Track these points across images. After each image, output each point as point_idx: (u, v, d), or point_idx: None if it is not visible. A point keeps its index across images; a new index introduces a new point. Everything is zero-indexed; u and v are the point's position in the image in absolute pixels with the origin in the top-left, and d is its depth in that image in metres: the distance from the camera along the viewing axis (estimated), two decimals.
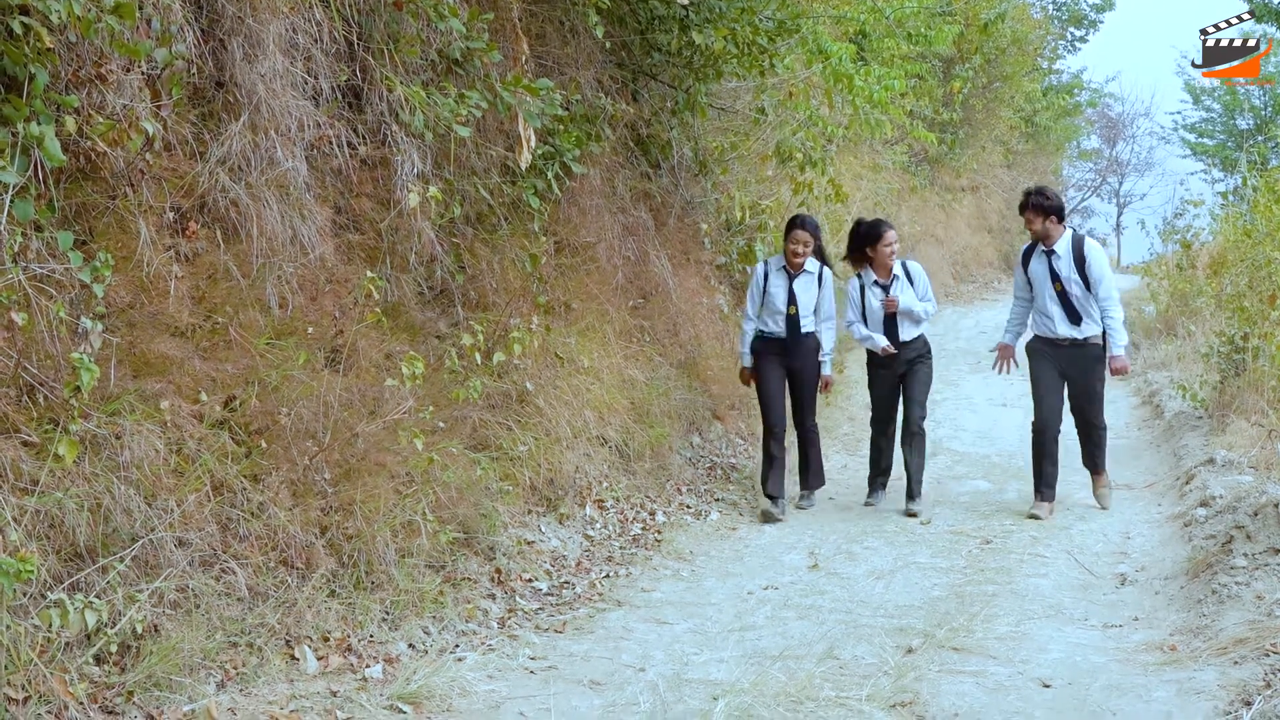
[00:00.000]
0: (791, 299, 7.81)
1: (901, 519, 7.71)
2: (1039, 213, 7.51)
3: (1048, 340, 7.63)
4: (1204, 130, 35.49)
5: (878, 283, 7.99)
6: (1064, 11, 32.52)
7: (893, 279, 7.95)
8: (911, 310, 7.93)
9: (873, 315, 8.01)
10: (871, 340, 7.99)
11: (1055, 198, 7.61)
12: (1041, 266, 7.61)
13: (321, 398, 5.05)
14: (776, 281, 7.86)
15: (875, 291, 8.00)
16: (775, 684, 4.61)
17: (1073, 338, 7.53)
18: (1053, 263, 7.53)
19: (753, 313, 7.94)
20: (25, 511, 3.77)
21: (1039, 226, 7.53)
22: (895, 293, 7.94)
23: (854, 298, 8.04)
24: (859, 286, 8.03)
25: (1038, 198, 7.55)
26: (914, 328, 7.97)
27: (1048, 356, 7.62)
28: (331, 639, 4.64)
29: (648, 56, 8.90)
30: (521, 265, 6.93)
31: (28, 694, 3.58)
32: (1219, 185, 29.35)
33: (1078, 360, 7.56)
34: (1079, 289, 7.47)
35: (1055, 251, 7.53)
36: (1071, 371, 7.60)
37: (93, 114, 4.22)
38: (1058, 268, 7.51)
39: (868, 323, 8.02)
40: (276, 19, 5.09)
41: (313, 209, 5.28)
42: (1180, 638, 5.23)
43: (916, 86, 16.30)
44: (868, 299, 8.00)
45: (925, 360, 8.04)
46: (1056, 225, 7.53)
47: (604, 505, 7.19)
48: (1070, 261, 7.49)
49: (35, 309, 3.89)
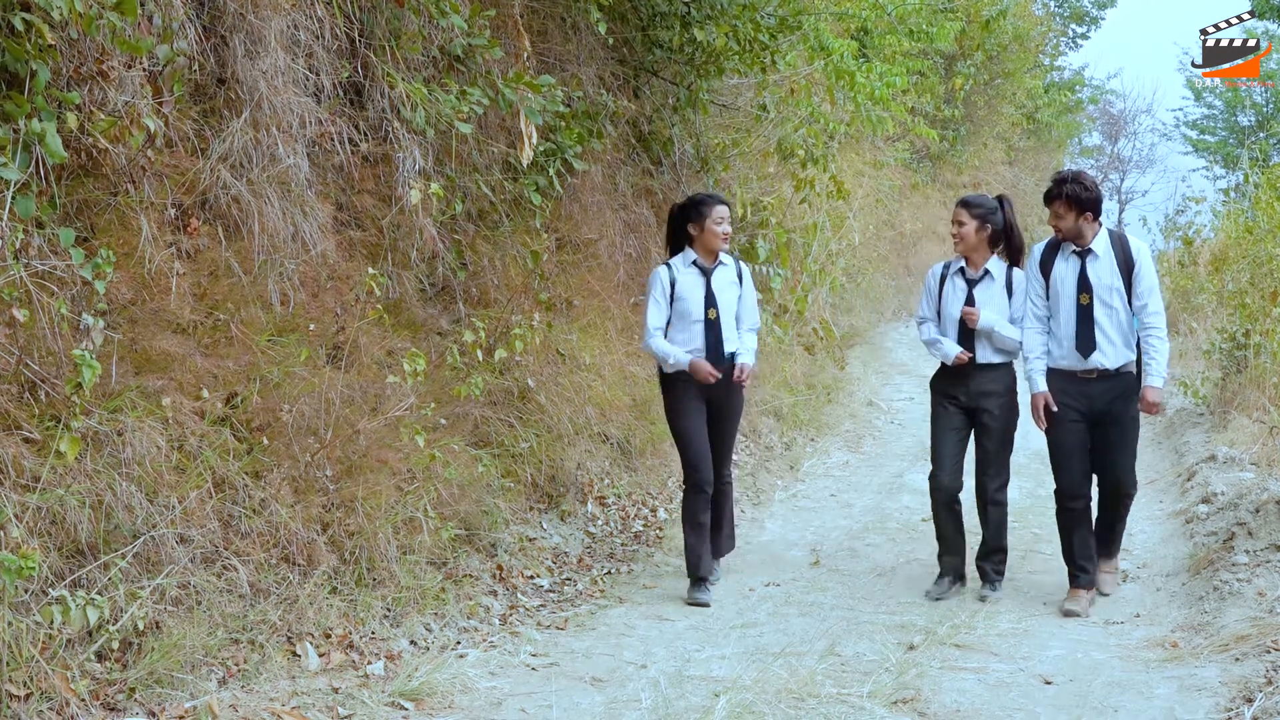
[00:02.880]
0: (710, 301, 5.96)
1: (903, 517, 7.71)
2: (1073, 206, 5.68)
3: (1067, 375, 5.80)
4: (1205, 127, 35.47)
5: (964, 272, 6.03)
6: (1066, 8, 32.52)
7: (984, 274, 5.99)
8: (993, 331, 5.91)
9: (948, 314, 6.04)
10: (939, 346, 6.04)
11: (1095, 188, 5.74)
12: (1070, 272, 5.76)
13: (323, 394, 5.06)
14: (687, 280, 5.98)
15: (957, 284, 6.04)
16: (777, 681, 4.61)
17: (1101, 368, 5.72)
18: (1087, 267, 5.72)
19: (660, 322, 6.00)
20: (27, 508, 3.77)
21: (1070, 223, 5.70)
22: (984, 295, 5.95)
23: (930, 288, 6.15)
24: (939, 276, 6.14)
25: (1074, 187, 5.69)
26: (996, 353, 5.95)
27: (1069, 397, 5.78)
28: (333, 635, 4.64)
29: (649, 53, 8.89)
30: (523, 262, 6.93)
31: (29, 690, 3.58)
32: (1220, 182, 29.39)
33: (1106, 397, 5.75)
34: (1120, 300, 5.70)
35: (1093, 251, 5.72)
36: (1098, 413, 5.78)
37: (94, 110, 4.22)
38: (1093, 274, 5.71)
39: (941, 323, 6.09)
40: (278, 15, 5.09)
41: (314, 206, 5.28)
42: (1182, 634, 5.23)
43: (918, 83, 16.29)
44: (946, 292, 6.08)
45: (1005, 398, 5.97)
46: (1092, 223, 5.73)
47: (605, 502, 7.19)
48: (1113, 266, 5.70)
49: (37, 306, 3.89)
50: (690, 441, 5.96)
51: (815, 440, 10.06)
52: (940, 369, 6.09)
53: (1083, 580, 5.82)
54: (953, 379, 6.00)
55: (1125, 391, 5.76)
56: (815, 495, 8.42)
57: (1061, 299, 5.76)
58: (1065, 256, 5.78)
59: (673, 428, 6.09)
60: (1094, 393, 5.74)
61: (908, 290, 18.31)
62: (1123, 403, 5.76)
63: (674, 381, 5.99)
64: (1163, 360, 5.72)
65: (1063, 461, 5.84)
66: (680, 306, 5.92)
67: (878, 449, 10.19)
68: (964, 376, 5.95)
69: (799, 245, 11.27)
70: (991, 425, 5.95)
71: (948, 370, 6.01)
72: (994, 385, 5.94)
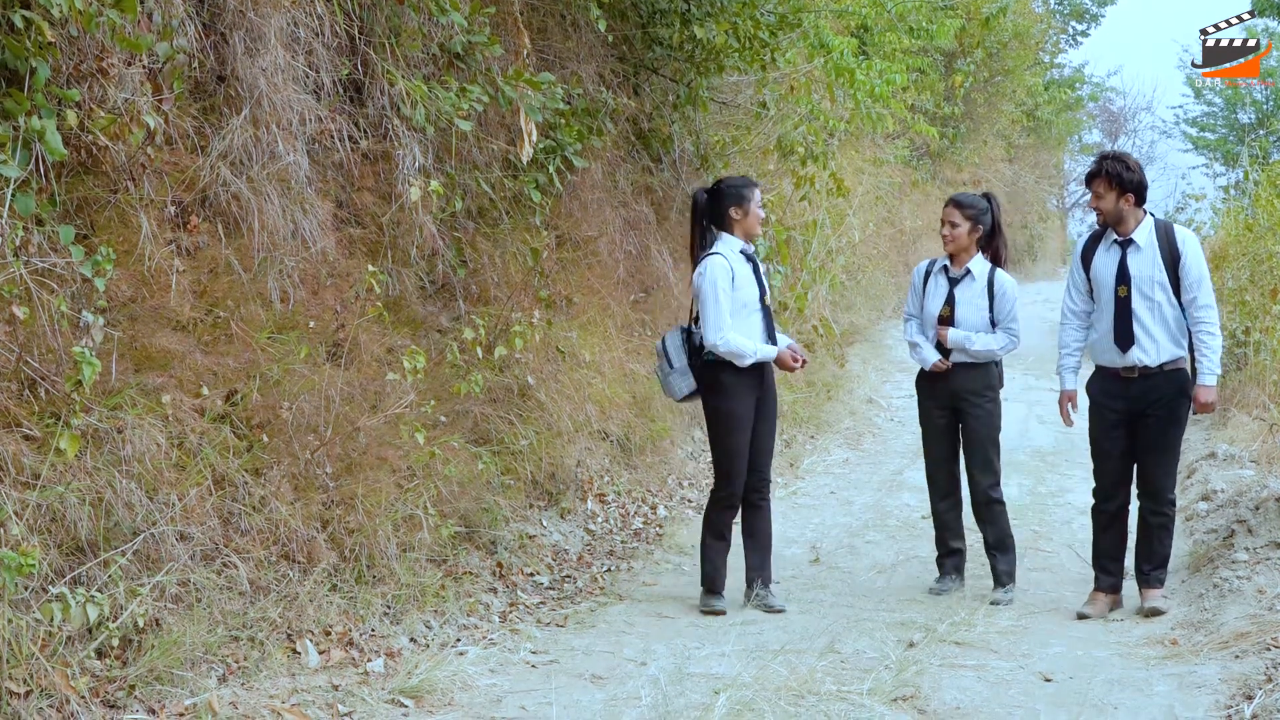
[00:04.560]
0: (763, 289, 5.73)
1: (903, 514, 7.71)
2: (1114, 185, 5.38)
3: (1110, 374, 5.55)
4: (1205, 124, 35.43)
5: (946, 270, 6.00)
6: (1065, 5, 32.48)
7: (965, 273, 5.94)
8: (966, 346, 5.86)
9: (928, 312, 6.01)
10: (919, 351, 6.02)
11: (1138, 169, 5.44)
12: (1110, 263, 5.50)
13: (323, 392, 5.05)
14: (742, 269, 5.65)
15: (939, 282, 6.01)
16: (777, 678, 4.61)
17: (1141, 365, 5.43)
18: (1128, 258, 5.45)
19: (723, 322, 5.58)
20: (27, 506, 3.77)
21: (1110, 204, 5.40)
22: (964, 295, 5.91)
23: (915, 285, 6.14)
24: (924, 273, 6.11)
25: (1115, 164, 5.41)
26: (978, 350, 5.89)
27: (1109, 397, 5.55)
28: (333, 633, 4.64)
29: (649, 50, 8.89)
30: (523, 259, 6.92)
31: (29, 688, 3.58)
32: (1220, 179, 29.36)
33: (1148, 399, 5.45)
34: (1164, 294, 5.39)
35: (1134, 241, 5.44)
36: (1137, 414, 5.49)
37: (94, 108, 4.22)
38: (1133, 265, 5.43)
39: (922, 321, 6.06)
40: (278, 13, 5.09)
41: (314, 203, 5.28)
42: (1182, 632, 5.23)
43: (918, 81, 16.26)
44: (929, 290, 6.05)
45: (986, 397, 5.92)
46: (1134, 208, 5.43)
47: (605, 499, 7.19)
48: (1156, 257, 5.40)
49: (37, 303, 3.89)
50: (740, 456, 5.61)
51: (815, 438, 10.06)
52: (921, 370, 6.07)
53: (1103, 583, 5.65)
54: (933, 378, 5.99)
55: (1170, 393, 5.43)
56: (815, 493, 8.42)
57: (1101, 291, 5.51)
58: (1106, 247, 5.52)
59: (725, 439, 5.62)
60: (1134, 393, 5.46)
61: (907, 288, 18.29)
62: (1165, 406, 5.44)
63: (732, 385, 5.55)
64: (1214, 357, 5.40)
65: (1098, 463, 5.68)
66: (739, 296, 5.54)
67: (877, 446, 10.19)
68: (943, 376, 5.94)
69: (799, 243, 11.27)
70: (974, 424, 5.92)
71: (926, 371, 6.02)
72: (973, 384, 5.90)
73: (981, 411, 5.90)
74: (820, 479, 8.85)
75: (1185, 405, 5.49)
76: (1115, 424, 5.55)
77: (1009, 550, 5.96)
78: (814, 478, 8.87)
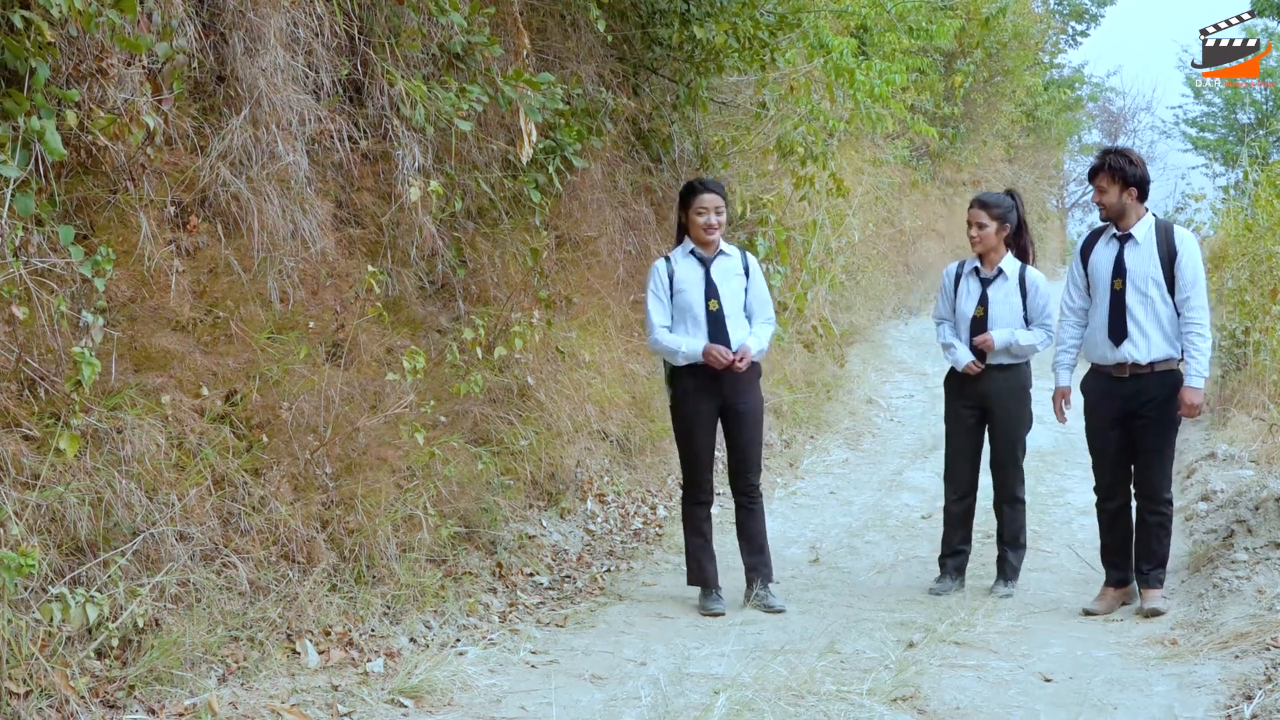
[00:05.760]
0: (711, 291, 5.68)
1: (902, 514, 7.71)
2: (1117, 179, 5.45)
3: (1104, 374, 5.62)
4: (1205, 125, 35.43)
5: (978, 271, 6.00)
6: (1065, 5, 32.46)
7: (997, 273, 5.94)
8: (1011, 344, 5.90)
9: (961, 313, 6.02)
10: (953, 352, 6.03)
11: (1141, 164, 5.51)
12: (1107, 256, 5.55)
13: (322, 392, 5.05)
14: (685, 270, 5.70)
15: (971, 284, 6.02)
16: (776, 678, 4.61)
17: (1133, 361, 5.49)
18: (1125, 252, 5.49)
19: (661, 321, 5.72)
20: (26, 506, 3.77)
21: (1113, 199, 5.45)
22: (997, 295, 5.92)
23: (946, 288, 6.12)
24: (954, 275, 6.11)
25: (1118, 159, 5.47)
26: (1008, 354, 5.96)
27: (1103, 397, 5.63)
28: (333, 633, 4.64)
29: (649, 51, 8.89)
30: (523, 259, 6.92)
31: (29, 688, 3.58)
32: (1220, 180, 29.35)
33: (1140, 399, 5.51)
34: (1158, 292, 5.43)
35: (1133, 237, 5.49)
36: (1130, 415, 5.55)
37: (94, 108, 4.22)
38: (1130, 260, 5.48)
39: (955, 322, 6.08)
40: (277, 13, 5.09)
41: (314, 203, 5.28)
42: (1181, 632, 5.23)
43: (918, 81, 16.26)
44: (961, 292, 6.05)
45: (1018, 398, 5.98)
46: (1137, 203, 5.48)
47: (605, 499, 7.19)
48: (1153, 254, 5.44)
49: (36, 303, 3.89)
50: (693, 452, 5.72)
51: (815, 438, 10.06)
52: (952, 369, 6.09)
53: (1111, 578, 5.71)
54: (964, 379, 6.02)
55: (1162, 394, 5.47)
56: (815, 493, 8.43)
57: (1098, 284, 5.57)
58: (1106, 241, 5.58)
59: (677, 436, 5.79)
60: (1127, 393, 5.52)
61: (907, 288, 18.32)
62: (1156, 406, 5.48)
63: (682, 383, 5.67)
64: (1204, 359, 5.43)
65: (1095, 463, 5.76)
66: (680, 299, 5.63)
67: (877, 446, 10.20)
68: (975, 377, 5.97)
69: (798, 243, 11.25)
70: (1004, 424, 5.97)
71: (959, 371, 6.02)
72: (1005, 385, 5.95)
73: (1011, 411, 5.96)
74: (820, 479, 8.85)
75: (1178, 406, 5.51)
76: (1109, 424, 5.62)
77: (1021, 547, 6.05)
78: (814, 478, 8.87)
